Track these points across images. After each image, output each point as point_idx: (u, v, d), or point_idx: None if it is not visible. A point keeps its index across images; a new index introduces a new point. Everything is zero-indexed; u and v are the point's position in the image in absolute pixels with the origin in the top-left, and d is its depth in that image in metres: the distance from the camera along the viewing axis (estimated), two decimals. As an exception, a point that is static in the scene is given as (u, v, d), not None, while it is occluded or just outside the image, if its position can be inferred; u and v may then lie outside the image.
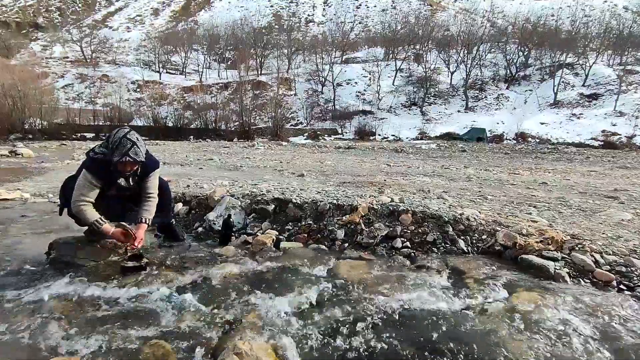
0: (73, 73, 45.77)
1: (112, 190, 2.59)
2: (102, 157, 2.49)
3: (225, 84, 45.13)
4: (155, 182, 2.74)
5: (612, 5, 63.64)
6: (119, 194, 2.64)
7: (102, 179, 2.50)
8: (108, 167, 2.47)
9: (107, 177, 2.52)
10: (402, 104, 38.50)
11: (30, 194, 5.06)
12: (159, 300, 2.03)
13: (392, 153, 19.65)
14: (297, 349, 1.64)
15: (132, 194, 2.70)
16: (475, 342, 1.67)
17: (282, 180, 6.19)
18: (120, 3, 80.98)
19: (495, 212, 3.42)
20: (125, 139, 2.42)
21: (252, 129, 33.17)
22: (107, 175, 2.51)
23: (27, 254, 2.72)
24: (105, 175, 2.50)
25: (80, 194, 2.47)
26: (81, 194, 2.46)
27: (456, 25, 48.26)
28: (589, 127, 29.08)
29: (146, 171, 2.67)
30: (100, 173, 2.49)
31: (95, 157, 2.50)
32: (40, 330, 1.72)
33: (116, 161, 2.41)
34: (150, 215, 2.66)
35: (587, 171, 11.18)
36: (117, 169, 2.47)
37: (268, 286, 2.22)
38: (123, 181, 2.60)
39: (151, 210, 2.68)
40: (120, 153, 2.39)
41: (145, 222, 2.61)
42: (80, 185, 2.48)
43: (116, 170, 2.49)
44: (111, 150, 2.43)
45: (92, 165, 2.49)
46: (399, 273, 2.45)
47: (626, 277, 2.28)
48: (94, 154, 2.52)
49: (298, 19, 72.79)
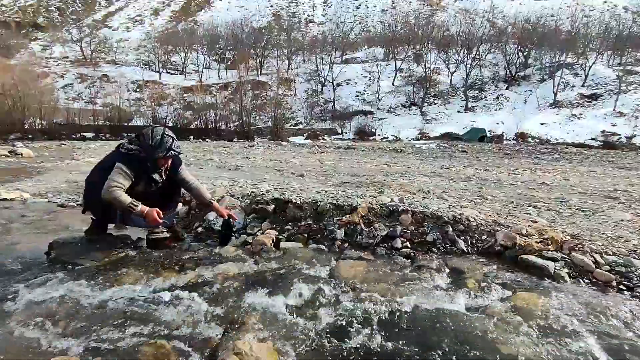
0: (73, 73, 45.76)
1: (140, 186, 2.71)
2: (137, 153, 2.65)
3: (225, 84, 45.13)
4: (188, 173, 3.00)
5: (612, 5, 63.62)
6: (145, 190, 2.75)
7: (135, 172, 2.63)
8: (142, 163, 2.65)
9: (140, 171, 2.67)
10: (402, 104, 38.51)
11: (30, 194, 5.06)
12: (158, 300, 2.03)
13: (391, 153, 19.65)
14: (296, 349, 1.64)
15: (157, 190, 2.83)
16: (475, 342, 1.67)
17: (282, 180, 6.19)
18: (120, 3, 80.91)
19: (495, 212, 3.42)
20: (167, 136, 2.66)
21: (252, 129, 33.18)
22: (140, 169, 2.66)
23: (27, 254, 2.72)
24: (138, 169, 2.64)
25: (114, 181, 2.55)
26: (115, 181, 2.55)
27: (456, 25, 48.28)
28: (589, 127, 29.09)
29: (174, 166, 2.87)
30: (135, 168, 2.62)
31: (129, 153, 2.67)
32: (40, 330, 1.72)
33: (160, 157, 2.64)
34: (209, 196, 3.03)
35: (587, 171, 11.19)
36: (156, 164, 2.70)
37: (268, 286, 2.22)
38: (157, 176, 2.78)
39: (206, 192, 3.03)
40: (164, 149, 2.62)
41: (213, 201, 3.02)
42: (115, 173, 2.58)
43: (154, 165, 2.70)
44: (152, 147, 2.62)
45: (127, 158, 2.64)
46: (398, 273, 2.45)
47: (626, 278, 2.28)
48: (126, 150, 2.69)
49: (298, 19, 72.72)
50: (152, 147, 2.61)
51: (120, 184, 2.55)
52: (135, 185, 2.66)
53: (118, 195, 2.51)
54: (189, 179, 2.97)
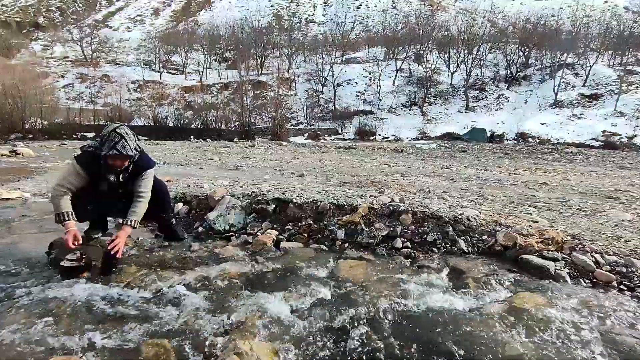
0: (73, 73, 45.73)
1: (103, 185, 2.53)
2: (93, 150, 2.48)
3: (226, 84, 45.09)
4: (148, 182, 2.64)
5: (613, 5, 63.52)
6: (110, 192, 2.58)
7: (89, 171, 2.47)
8: (97, 161, 2.44)
9: (96, 171, 2.48)
10: (403, 104, 38.46)
11: (31, 193, 5.06)
12: (159, 300, 2.03)
13: (392, 153, 19.64)
14: (297, 349, 1.64)
15: (124, 192, 2.61)
16: (476, 342, 1.67)
17: (283, 180, 6.19)
18: (121, 3, 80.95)
19: (495, 212, 3.42)
20: (114, 133, 2.38)
21: (253, 129, 33.14)
22: (96, 168, 2.47)
23: (28, 254, 2.72)
24: (93, 168, 2.47)
25: (62, 179, 2.45)
26: (63, 180, 2.44)
27: (456, 25, 48.14)
28: (590, 127, 29.03)
29: (138, 170, 2.60)
30: (88, 165, 2.46)
31: (85, 149, 2.51)
32: (40, 329, 1.72)
33: (104, 154, 2.38)
34: (137, 217, 2.54)
35: (588, 171, 11.17)
36: (107, 163, 2.43)
37: (268, 286, 2.22)
38: (113, 177, 2.52)
39: (139, 212, 2.55)
40: (108, 146, 2.36)
41: (129, 225, 2.47)
42: (65, 172, 2.48)
43: (106, 164, 2.45)
44: (100, 143, 2.42)
45: (81, 156, 2.49)
46: (399, 273, 2.45)
47: (626, 278, 2.28)
48: (87, 147, 2.53)
49: (298, 18, 72.70)
50: (101, 143, 2.42)
51: (66, 184, 2.42)
52: (97, 183, 2.51)
53: (56, 198, 2.40)
54: (141, 189, 2.60)
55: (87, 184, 2.51)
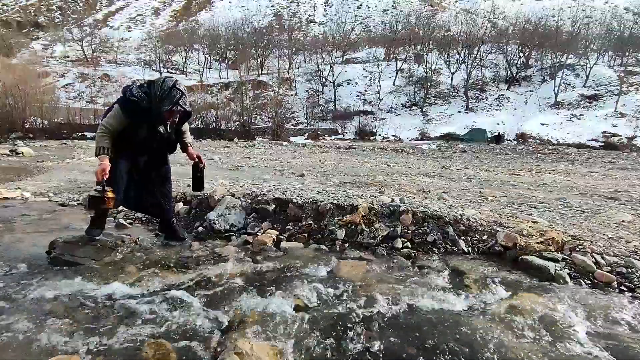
0: (74, 72, 45.74)
1: (142, 133, 2.62)
2: (140, 101, 2.53)
3: (226, 84, 45.09)
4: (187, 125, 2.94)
5: (613, 6, 63.49)
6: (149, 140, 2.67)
7: (132, 119, 2.55)
8: (145, 112, 2.53)
9: (140, 120, 2.57)
10: (403, 104, 38.46)
11: (31, 193, 5.06)
12: (159, 300, 2.03)
13: (392, 153, 19.65)
14: (296, 349, 1.64)
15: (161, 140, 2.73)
16: (476, 342, 1.67)
17: (283, 180, 6.19)
18: (121, 2, 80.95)
19: (495, 212, 3.42)
20: (175, 89, 2.50)
21: (253, 128, 33.13)
22: (140, 118, 2.56)
23: (28, 253, 2.72)
24: (137, 117, 2.55)
25: (105, 121, 2.54)
26: (106, 122, 2.54)
27: (457, 25, 48.16)
28: (590, 128, 29.04)
29: (182, 121, 2.80)
30: (132, 114, 2.54)
31: (132, 100, 2.54)
32: (40, 329, 1.72)
33: (165, 110, 2.50)
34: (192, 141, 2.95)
35: (588, 172, 11.17)
36: (161, 116, 2.56)
37: (268, 286, 2.22)
38: (162, 128, 2.67)
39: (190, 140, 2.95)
40: (170, 102, 2.48)
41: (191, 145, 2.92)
42: (111, 115, 2.55)
43: (158, 118, 2.57)
44: (158, 97, 2.50)
45: (128, 105, 2.54)
46: (399, 273, 2.45)
47: (627, 278, 2.28)
48: (131, 94, 2.56)
49: (299, 18, 72.70)
50: (160, 98, 2.49)
51: (109, 125, 2.52)
52: (137, 131, 2.60)
53: (100, 134, 2.51)
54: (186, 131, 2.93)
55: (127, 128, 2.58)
